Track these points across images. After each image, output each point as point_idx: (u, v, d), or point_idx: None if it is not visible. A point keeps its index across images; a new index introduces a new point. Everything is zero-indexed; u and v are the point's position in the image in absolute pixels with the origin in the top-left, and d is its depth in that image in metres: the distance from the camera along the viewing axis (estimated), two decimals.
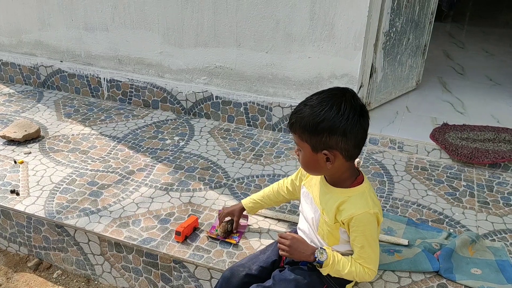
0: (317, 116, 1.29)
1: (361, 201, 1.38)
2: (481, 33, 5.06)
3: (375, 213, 1.37)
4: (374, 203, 1.40)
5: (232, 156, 2.50)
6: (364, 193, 1.39)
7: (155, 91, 3.04)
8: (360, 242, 1.39)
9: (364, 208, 1.36)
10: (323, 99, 1.31)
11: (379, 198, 2.15)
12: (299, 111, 1.35)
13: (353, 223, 1.37)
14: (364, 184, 1.41)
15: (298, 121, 1.34)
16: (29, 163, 2.38)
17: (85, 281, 2.01)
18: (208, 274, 1.73)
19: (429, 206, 2.10)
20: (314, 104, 1.32)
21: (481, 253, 1.79)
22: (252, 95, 2.79)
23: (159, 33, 2.89)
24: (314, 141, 1.33)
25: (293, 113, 1.37)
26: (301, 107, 1.35)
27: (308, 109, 1.32)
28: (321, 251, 1.41)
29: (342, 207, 1.39)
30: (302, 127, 1.33)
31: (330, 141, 1.31)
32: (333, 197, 1.42)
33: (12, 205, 2.03)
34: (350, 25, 2.42)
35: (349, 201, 1.38)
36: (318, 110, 1.30)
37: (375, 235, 1.40)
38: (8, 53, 3.44)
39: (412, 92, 3.23)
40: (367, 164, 2.44)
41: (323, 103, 1.30)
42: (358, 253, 1.41)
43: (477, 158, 2.41)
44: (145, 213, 1.99)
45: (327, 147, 1.32)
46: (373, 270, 1.42)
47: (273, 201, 1.79)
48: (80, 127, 2.80)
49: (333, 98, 1.31)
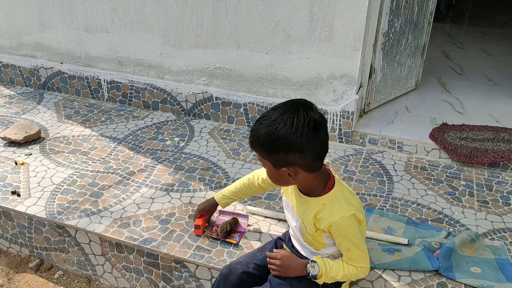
0: (272, 135, 1.27)
1: (336, 207, 1.37)
2: (479, 33, 5.07)
3: (352, 214, 1.36)
4: (350, 204, 1.38)
5: (232, 156, 2.51)
6: (337, 198, 1.38)
7: (155, 92, 3.05)
8: (345, 246, 1.40)
9: (339, 213, 1.35)
10: (277, 116, 1.28)
11: (379, 198, 2.16)
12: (256, 130, 1.32)
13: (333, 230, 1.37)
14: (335, 188, 1.40)
15: (255, 140, 1.33)
16: (30, 164, 2.38)
17: (86, 281, 2.02)
18: (209, 273, 1.74)
19: (428, 205, 2.11)
20: (269, 122, 1.29)
21: (481, 252, 1.80)
22: (251, 96, 2.80)
23: (159, 35, 2.90)
24: (273, 159, 1.32)
25: (251, 131, 1.35)
26: (257, 125, 1.33)
27: (263, 127, 1.30)
28: (313, 264, 1.43)
29: (319, 215, 1.39)
30: (260, 146, 1.32)
31: (288, 159, 1.29)
32: (309, 207, 1.41)
33: (13, 206, 2.04)
34: (349, 26, 2.43)
35: (324, 209, 1.38)
36: (272, 128, 1.27)
37: (358, 235, 1.40)
38: (8, 55, 3.45)
39: (412, 92, 3.24)
40: (366, 164, 2.45)
41: (276, 120, 1.28)
42: (347, 255, 1.42)
43: (476, 158, 2.42)
44: (145, 214, 2.00)
45: (286, 164, 1.31)
46: (365, 267, 1.44)
47: (244, 194, 1.80)
48: (80, 129, 2.81)
49: (286, 114, 1.28)
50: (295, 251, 1.58)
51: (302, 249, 1.56)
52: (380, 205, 2.11)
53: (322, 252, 1.48)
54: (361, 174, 2.36)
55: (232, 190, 1.80)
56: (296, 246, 1.58)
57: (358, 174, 2.36)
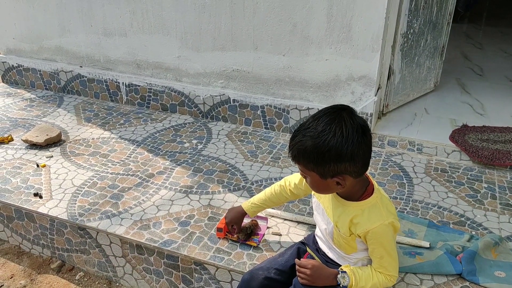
0: (321, 147, 1.24)
1: (375, 214, 1.36)
2: (499, 33, 4.99)
3: (390, 222, 1.35)
4: (388, 212, 1.37)
5: (250, 159, 2.51)
6: (377, 204, 1.37)
7: (173, 95, 3.07)
8: (379, 253, 1.39)
9: (378, 220, 1.35)
10: (324, 127, 1.25)
11: (399, 200, 2.14)
12: (301, 143, 1.28)
13: (369, 237, 1.36)
14: (375, 194, 1.39)
15: (300, 153, 1.29)
16: (51, 167, 2.42)
17: (107, 283, 2.04)
18: (228, 276, 1.74)
19: (450, 208, 2.08)
20: (315, 134, 1.25)
21: (505, 255, 1.76)
22: (269, 98, 2.80)
23: (177, 38, 2.92)
24: (321, 170, 1.29)
25: (294, 144, 1.30)
26: (300, 138, 1.28)
27: (309, 140, 1.26)
28: (343, 275, 1.40)
29: (356, 220, 1.37)
30: (306, 159, 1.29)
31: (338, 168, 1.27)
32: (346, 210, 1.40)
33: (36, 208, 2.07)
34: (368, 27, 2.41)
35: (363, 215, 1.36)
36: (321, 140, 1.24)
37: (393, 244, 1.39)
38: (29, 59, 3.51)
39: (430, 93, 3.20)
40: (386, 167, 2.43)
41: (324, 131, 1.24)
42: (378, 263, 1.41)
43: (498, 160, 2.38)
44: (165, 216, 2.01)
45: (336, 173, 1.29)
46: (394, 275, 1.43)
47: (275, 203, 1.76)
48: (100, 131, 2.84)
49: (332, 123, 1.24)
50: (322, 254, 1.57)
51: (330, 251, 1.54)
52: (400, 207, 2.08)
53: (351, 256, 1.47)
54: (380, 177, 2.34)
55: (262, 198, 1.76)
56: (323, 248, 1.57)
57: (378, 176, 2.34)
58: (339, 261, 1.51)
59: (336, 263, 1.52)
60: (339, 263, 1.51)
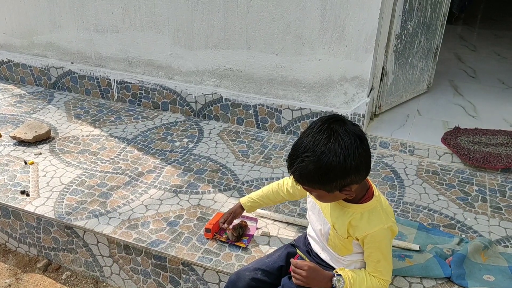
0: (324, 169, 1.22)
1: (374, 218, 1.36)
2: (492, 36, 5.00)
3: (389, 226, 1.36)
4: (387, 215, 1.38)
5: (241, 158, 2.49)
6: (376, 208, 1.37)
7: (165, 93, 3.04)
8: (376, 257, 1.38)
9: (378, 224, 1.35)
10: (322, 148, 1.21)
11: (390, 202, 2.13)
12: (302, 168, 1.25)
13: (368, 240, 1.36)
14: (375, 198, 1.39)
15: (304, 177, 1.27)
16: (39, 164, 2.39)
17: (94, 282, 2.01)
18: (216, 277, 1.72)
19: (440, 210, 2.08)
20: (314, 157, 1.22)
21: (494, 259, 1.76)
22: (261, 98, 2.78)
23: (169, 35, 2.89)
24: (328, 187, 1.28)
25: (295, 170, 1.27)
26: (300, 163, 1.25)
27: (310, 164, 1.23)
28: (338, 278, 1.39)
29: (354, 223, 1.37)
30: (311, 182, 1.28)
31: (345, 182, 1.27)
32: (345, 212, 1.39)
33: (22, 206, 2.04)
34: (361, 27, 2.40)
35: (362, 218, 1.36)
36: (323, 163, 1.21)
37: (389, 248, 1.39)
38: (19, 55, 3.47)
39: (423, 95, 3.20)
40: (377, 168, 2.42)
41: (324, 153, 1.21)
42: (374, 267, 1.40)
43: (490, 163, 2.37)
44: (154, 215, 1.99)
45: (343, 186, 1.28)
46: (388, 280, 1.42)
47: (272, 200, 1.76)
48: (90, 129, 2.81)
49: (329, 141, 1.21)
50: (313, 255, 1.56)
51: (323, 252, 1.53)
52: None
53: (345, 258, 1.46)
54: (371, 178, 2.31)
55: (260, 194, 1.77)
56: (316, 249, 1.56)
57: (369, 177, 2.32)
58: (331, 263, 1.50)
59: (328, 265, 1.51)
60: (332, 265, 1.50)
